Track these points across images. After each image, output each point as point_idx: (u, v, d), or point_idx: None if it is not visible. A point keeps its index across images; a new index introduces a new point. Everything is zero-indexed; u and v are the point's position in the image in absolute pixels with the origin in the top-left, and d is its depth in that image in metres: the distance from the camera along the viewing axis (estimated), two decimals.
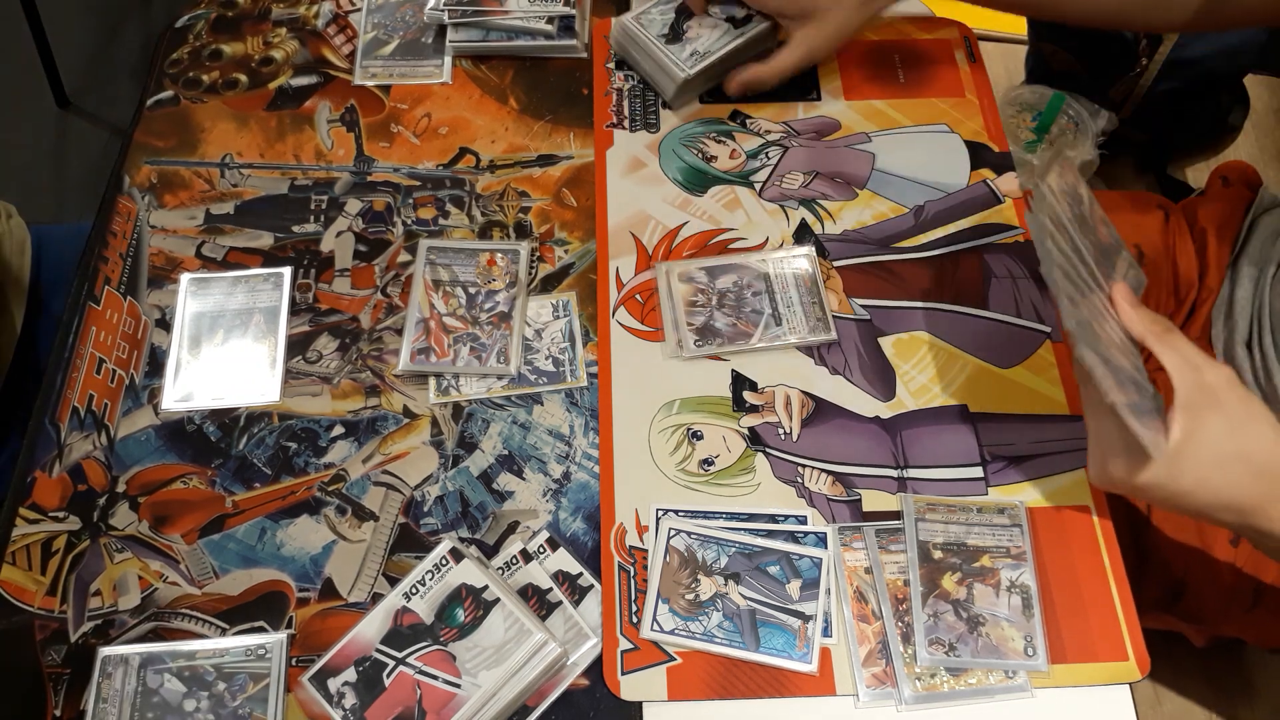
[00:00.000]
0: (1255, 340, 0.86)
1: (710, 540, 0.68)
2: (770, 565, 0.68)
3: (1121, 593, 0.67)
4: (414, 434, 0.74)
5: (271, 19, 0.97)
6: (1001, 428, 0.74)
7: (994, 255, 0.82)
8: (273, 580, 0.68)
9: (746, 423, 0.74)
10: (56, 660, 0.65)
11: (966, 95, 0.91)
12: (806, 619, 0.66)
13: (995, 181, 0.86)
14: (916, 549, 0.68)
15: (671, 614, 0.66)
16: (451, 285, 0.80)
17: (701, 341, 0.77)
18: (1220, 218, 0.94)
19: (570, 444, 0.74)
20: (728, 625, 0.66)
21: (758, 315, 0.78)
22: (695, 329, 0.77)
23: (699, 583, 0.67)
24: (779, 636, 0.65)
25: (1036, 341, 0.78)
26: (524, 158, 0.88)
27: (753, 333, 0.77)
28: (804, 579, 0.67)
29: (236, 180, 0.87)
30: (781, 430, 0.74)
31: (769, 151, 0.88)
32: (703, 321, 0.78)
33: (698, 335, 0.77)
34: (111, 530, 0.70)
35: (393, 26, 0.96)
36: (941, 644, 0.64)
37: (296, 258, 0.82)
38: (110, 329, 0.79)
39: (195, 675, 0.63)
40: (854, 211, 0.85)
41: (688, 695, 0.64)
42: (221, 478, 0.72)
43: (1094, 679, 0.64)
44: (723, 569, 0.67)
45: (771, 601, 0.66)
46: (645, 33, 0.89)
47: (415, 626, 0.64)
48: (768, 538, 0.69)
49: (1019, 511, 0.69)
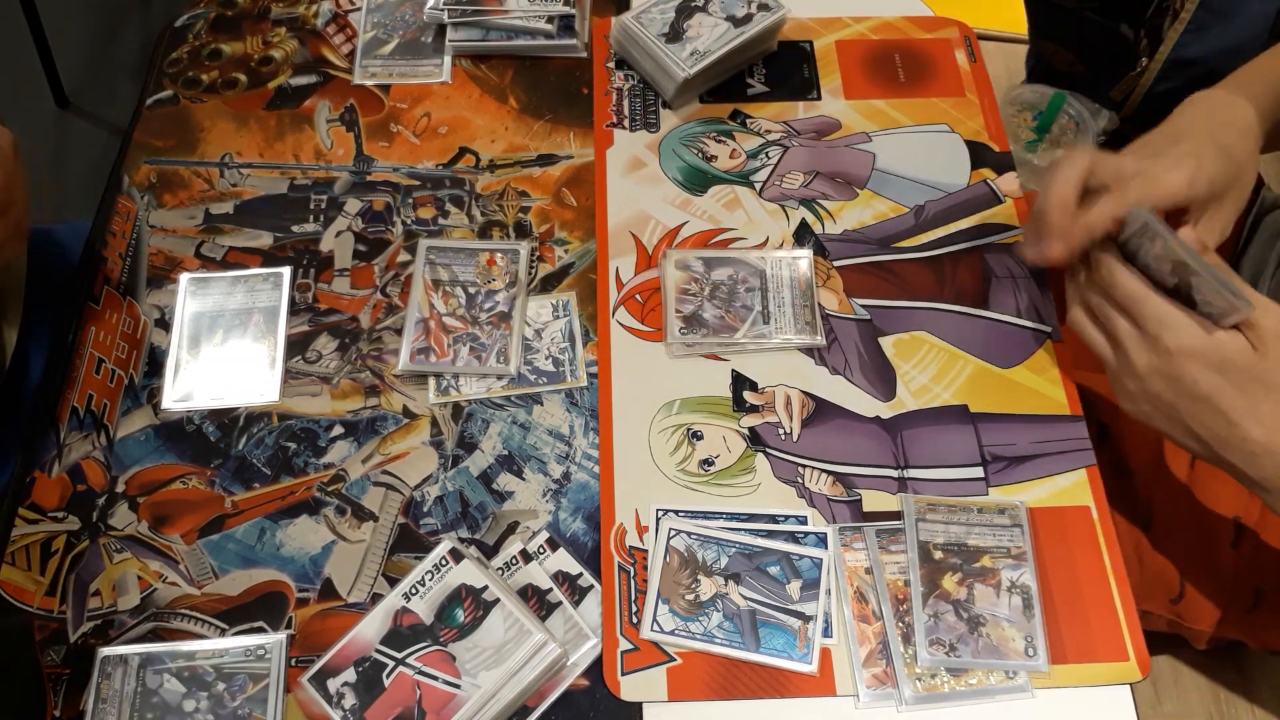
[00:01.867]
0: None
1: (710, 540, 0.68)
2: (770, 565, 0.67)
3: (1121, 593, 0.67)
4: (414, 434, 0.74)
5: (271, 18, 0.97)
6: (1002, 428, 0.74)
7: (994, 255, 0.82)
8: (272, 580, 0.68)
9: (747, 423, 0.74)
10: (56, 660, 0.65)
11: (967, 95, 0.91)
12: (807, 619, 0.65)
13: (996, 181, 0.86)
14: (917, 549, 0.67)
15: (672, 614, 0.66)
16: (451, 285, 0.80)
17: (687, 330, 0.77)
18: None
19: (570, 444, 0.74)
20: (728, 626, 0.66)
21: (747, 311, 0.78)
22: (682, 317, 0.77)
23: (699, 583, 0.67)
24: (779, 637, 0.65)
25: (1037, 341, 0.78)
26: (524, 157, 0.88)
27: (739, 327, 0.77)
28: (804, 579, 0.67)
29: (236, 180, 0.87)
30: (782, 430, 0.74)
31: (769, 151, 0.88)
32: (691, 311, 0.78)
33: (684, 324, 0.77)
34: (111, 530, 0.70)
35: (392, 26, 0.96)
36: (942, 644, 0.64)
37: (296, 258, 0.82)
38: (110, 329, 0.79)
39: (195, 675, 0.63)
40: (854, 211, 0.84)
41: (688, 696, 0.64)
42: (221, 478, 0.72)
43: (1094, 679, 0.64)
44: (723, 569, 0.67)
45: (772, 602, 0.66)
46: (645, 32, 0.89)
47: (415, 627, 0.64)
48: (768, 538, 0.69)
49: (1019, 512, 0.69)
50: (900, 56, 0.94)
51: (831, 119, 0.90)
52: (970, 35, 0.96)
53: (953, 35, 0.95)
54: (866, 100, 0.91)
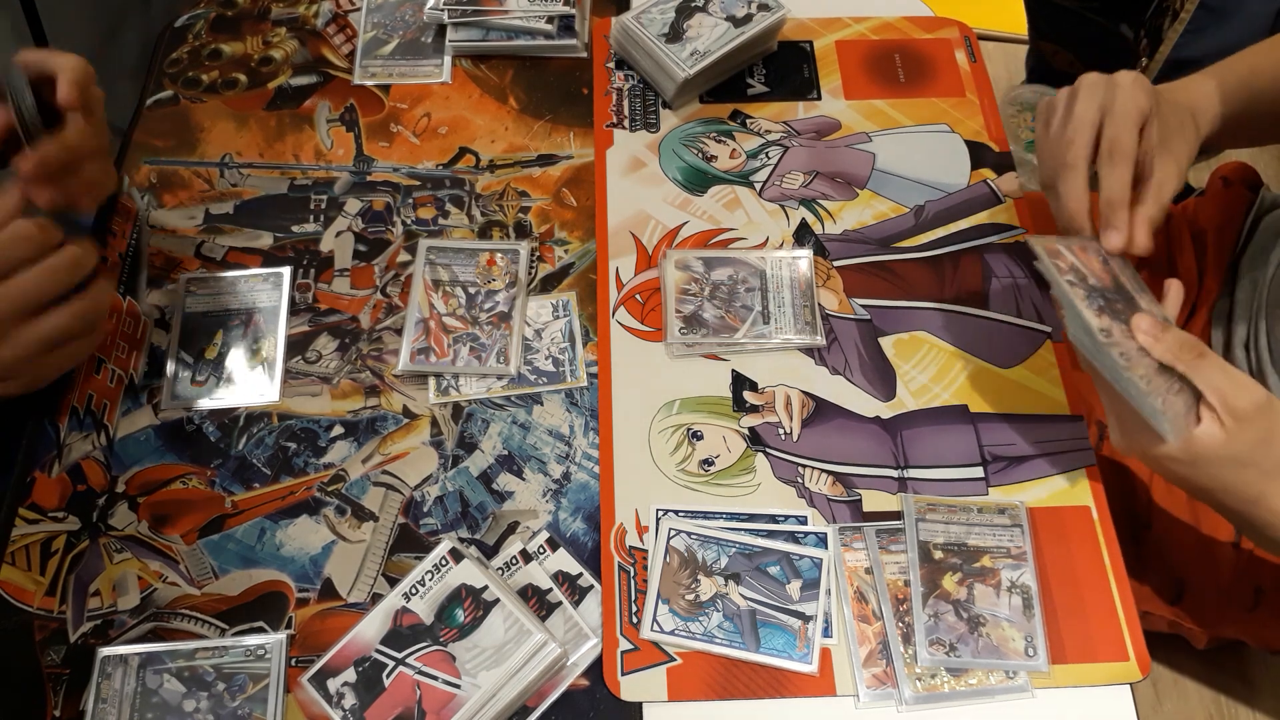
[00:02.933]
0: (1252, 342, 0.86)
1: (710, 540, 0.68)
2: (770, 565, 0.67)
3: (1121, 593, 0.67)
4: (414, 434, 0.74)
5: (271, 19, 0.97)
6: (1001, 428, 0.74)
7: (994, 255, 0.82)
8: (272, 580, 0.68)
9: (747, 423, 0.74)
10: (56, 660, 0.65)
11: (967, 95, 0.91)
12: (807, 619, 0.65)
13: (996, 181, 0.86)
14: (917, 549, 0.68)
15: (672, 614, 0.66)
16: (451, 285, 0.80)
17: (687, 330, 0.77)
18: (1221, 219, 0.94)
19: (570, 444, 0.74)
20: (728, 626, 0.66)
21: (747, 311, 0.78)
22: (683, 317, 0.77)
23: (699, 583, 0.67)
24: (779, 637, 0.65)
25: (1037, 341, 0.78)
26: (524, 157, 0.88)
27: (739, 327, 0.77)
28: (804, 579, 0.67)
29: (236, 180, 0.87)
30: (782, 430, 0.74)
31: (769, 151, 0.88)
32: (691, 311, 0.78)
33: (684, 324, 0.77)
34: (111, 530, 0.70)
35: (392, 26, 0.96)
36: (942, 644, 0.64)
37: (296, 257, 0.82)
38: (110, 329, 0.78)
39: (195, 676, 0.63)
40: (854, 211, 0.85)
41: (688, 696, 0.64)
42: (221, 478, 0.72)
43: (1094, 679, 0.64)
44: (723, 569, 0.67)
45: (772, 602, 0.66)
46: (645, 32, 0.89)
47: (415, 627, 0.64)
48: (768, 538, 0.69)
49: (1019, 512, 0.69)
50: (900, 57, 0.94)
51: (831, 119, 0.90)
52: (970, 35, 0.96)
53: (953, 35, 0.95)
54: (866, 100, 0.91)
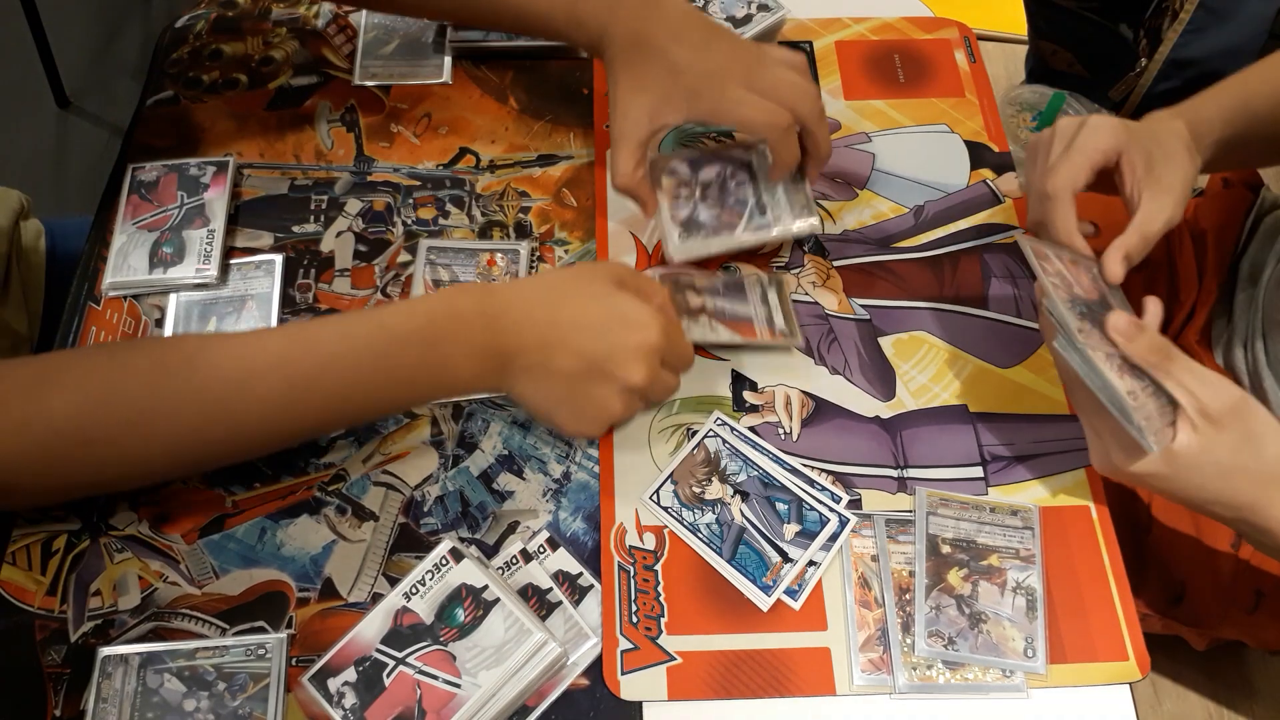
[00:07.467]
0: (1251, 343, 0.86)
1: (739, 456, 0.71)
2: (779, 501, 0.69)
3: (1121, 593, 0.67)
4: (414, 434, 0.74)
5: (271, 19, 0.97)
6: (1001, 428, 0.74)
7: (994, 255, 0.82)
8: (273, 580, 0.68)
9: (747, 423, 0.74)
10: (56, 660, 0.65)
11: (966, 95, 0.91)
12: (787, 560, 0.67)
13: (995, 181, 0.86)
14: (925, 542, 0.68)
15: (674, 496, 0.70)
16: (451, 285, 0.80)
17: (687, 235, 0.77)
18: (1220, 219, 0.94)
19: (570, 444, 0.74)
20: (715, 529, 0.68)
21: (742, 205, 0.77)
22: (680, 222, 0.77)
23: (710, 483, 0.70)
24: (754, 560, 0.67)
25: (1036, 341, 0.78)
26: (524, 158, 0.88)
27: (738, 224, 0.77)
28: (804, 528, 0.68)
29: (236, 180, 0.87)
30: (781, 430, 0.74)
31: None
32: (688, 214, 0.77)
33: (682, 229, 0.77)
34: (111, 530, 0.70)
35: (393, 26, 0.96)
36: (941, 637, 0.64)
37: (296, 258, 0.82)
38: (110, 329, 0.79)
39: (195, 675, 0.63)
40: (854, 211, 0.85)
41: (688, 695, 0.64)
42: (221, 477, 0.72)
43: (1094, 679, 0.64)
44: (737, 483, 0.70)
45: (764, 530, 0.68)
46: None
47: (415, 626, 0.64)
48: (792, 474, 0.71)
49: (1032, 515, 0.69)
50: (900, 57, 0.94)
51: (831, 119, 0.90)
52: (970, 35, 0.96)
53: (952, 36, 0.95)
54: (866, 100, 0.91)
